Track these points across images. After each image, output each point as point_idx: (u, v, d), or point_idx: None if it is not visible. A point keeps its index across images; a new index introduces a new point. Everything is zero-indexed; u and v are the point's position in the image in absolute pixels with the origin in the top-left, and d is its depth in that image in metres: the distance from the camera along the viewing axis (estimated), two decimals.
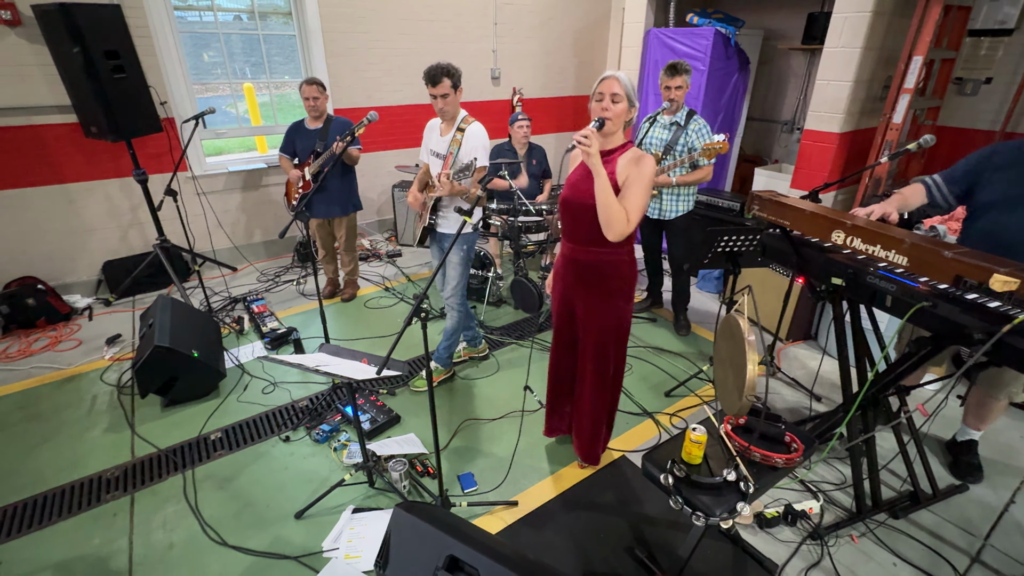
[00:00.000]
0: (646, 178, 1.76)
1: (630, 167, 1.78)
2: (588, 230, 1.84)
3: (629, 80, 1.78)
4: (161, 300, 2.94)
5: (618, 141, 1.86)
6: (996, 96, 3.56)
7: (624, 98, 1.76)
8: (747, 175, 4.84)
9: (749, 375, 1.44)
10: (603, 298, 1.96)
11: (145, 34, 3.66)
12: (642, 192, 1.76)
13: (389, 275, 4.37)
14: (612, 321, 1.99)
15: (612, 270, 1.92)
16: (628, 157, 1.81)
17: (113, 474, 2.33)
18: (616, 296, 1.96)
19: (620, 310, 1.99)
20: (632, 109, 1.80)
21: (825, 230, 1.86)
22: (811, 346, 3.37)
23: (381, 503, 2.19)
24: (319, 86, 3.38)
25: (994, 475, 2.33)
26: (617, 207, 1.73)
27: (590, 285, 1.96)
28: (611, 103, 1.76)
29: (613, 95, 1.76)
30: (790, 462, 1.58)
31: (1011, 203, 1.87)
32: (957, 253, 1.52)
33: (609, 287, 1.94)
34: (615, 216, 1.73)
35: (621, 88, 1.75)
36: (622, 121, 1.81)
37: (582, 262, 1.95)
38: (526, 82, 5.60)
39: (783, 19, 4.69)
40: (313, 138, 3.46)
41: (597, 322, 2.00)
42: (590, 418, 2.19)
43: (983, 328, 1.50)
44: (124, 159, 3.54)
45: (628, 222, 1.74)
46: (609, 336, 2.01)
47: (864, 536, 2.03)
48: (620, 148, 1.85)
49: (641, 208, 1.76)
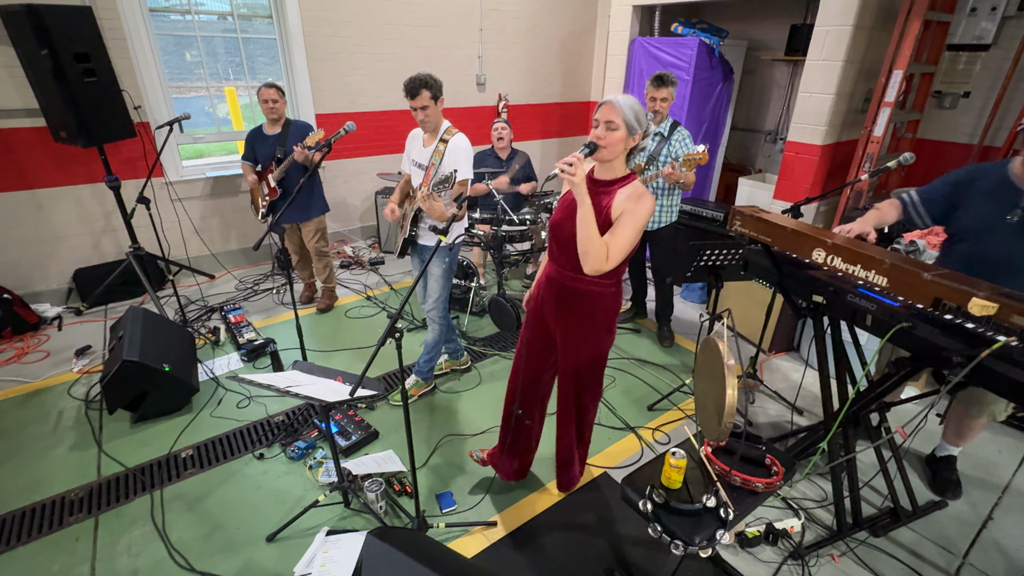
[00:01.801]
0: (640, 219, 1.64)
1: (628, 203, 1.65)
2: (576, 258, 1.69)
3: (631, 105, 1.62)
4: (132, 311, 2.85)
5: (619, 172, 1.71)
6: (974, 110, 3.60)
7: (621, 125, 1.61)
8: (731, 184, 4.86)
9: (728, 401, 1.41)
10: (589, 326, 1.86)
11: (119, 36, 3.57)
12: (632, 232, 1.64)
13: (371, 283, 4.31)
14: (595, 349, 1.91)
15: (597, 301, 1.82)
16: (628, 192, 1.67)
17: (77, 495, 2.24)
18: (605, 326, 1.87)
19: (607, 339, 1.91)
20: (633, 137, 1.65)
21: (806, 248, 1.85)
22: (794, 357, 3.38)
23: (356, 524, 2.13)
24: (277, 90, 3.32)
25: (973, 491, 2.33)
26: (598, 242, 1.61)
27: (573, 313, 1.85)
28: (605, 130, 1.63)
29: (608, 122, 1.62)
30: (770, 486, 1.56)
31: (993, 228, 1.88)
32: (936, 275, 1.51)
33: (594, 317, 1.85)
34: (594, 251, 1.61)
35: (618, 116, 1.61)
36: (618, 150, 1.66)
37: (568, 288, 1.82)
38: (512, 88, 5.57)
39: (766, 30, 4.72)
40: (272, 144, 3.38)
41: (580, 349, 1.90)
42: (563, 444, 2.15)
43: (962, 351, 1.50)
44: (96, 164, 3.44)
45: (607, 259, 1.63)
46: (589, 364, 1.93)
47: (844, 555, 2.01)
48: (622, 180, 1.71)
49: (625, 249, 1.65)
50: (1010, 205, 1.84)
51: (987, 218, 1.89)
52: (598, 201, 1.69)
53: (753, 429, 2.74)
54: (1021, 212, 1.82)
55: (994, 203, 1.88)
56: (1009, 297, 1.37)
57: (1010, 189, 1.85)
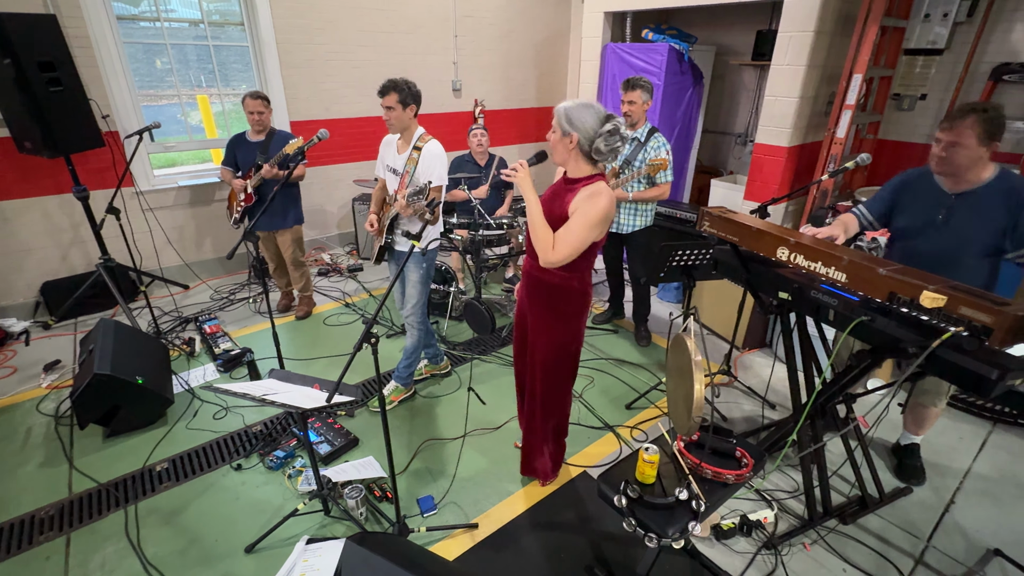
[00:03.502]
0: (590, 216, 1.71)
1: (582, 201, 1.73)
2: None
3: (564, 107, 1.74)
4: (103, 324, 2.80)
5: (586, 171, 1.80)
6: (931, 111, 3.75)
7: (557, 128, 1.76)
8: (705, 186, 4.97)
9: (696, 395, 1.46)
10: (552, 317, 1.98)
11: (86, 44, 3.51)
12: (579, 228, 1.71)
13: (350, 290, 4.29)
14: (558, 339, 2.00)
15: (563, 292, 1.92)
16: (588, 191, 1.74)
17: (47, 513, 2.19)
18: (565, 317, 1.97)
19: (568, 331, 2.00)
20: (570, 137, 1.72)
21: (771, 246, 1.91)
22: (767, 354, 3.46)
23: (337, 532, 2.12)
24: (264, 100, 3.31)
25: (936, 476, 2.43)
26: (543, 233, 1.76)
27: (542, 303, 1.99)
28: (550, 133, 1.81)
29: (552, 127, 1.80)
30: (740, 478, 1.61)
31: (925, 227, 2.02)
32: (891, 270, 1.58)
33: (558, 307, 1.96)
34: (539, 241, 1.76)
35: (554, 119, 1.77)
36: (560, 150, 1.77)
37: (535, 279, 1.97)
38: (488, 94, 5.61)
39: (734, 36, 4.85)
40: (254, 151, 3.37)
41: (543, 338, 2.01)
42: (527, 429, 2.25)
43: (916, 341, 1.57)
44: (63, 175, 3.37)
45: (552, 251, 1.74)
46: (552, 353, 2.02)
47: (816, 543, 2.08)
48: (587, 179, 1.79)
49: (571, 243, 1.73)
50: (937, 206, 1.99)
51: (919, 218, 2.03)
52: (563, 196, 1.81)
53: (728, 424, 2.80)
54: (945, 212, 1.96)
55: (924, 204, 2.02)
56: (956, 289, 1.45)
57: (937, 191, 2.00)
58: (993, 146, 1.84)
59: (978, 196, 1.91)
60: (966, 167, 1.88)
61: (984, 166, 1.90)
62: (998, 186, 1.89)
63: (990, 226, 1.89)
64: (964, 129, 1.82)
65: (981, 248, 1.93)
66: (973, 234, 1.92)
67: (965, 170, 1.89)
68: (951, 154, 1.87)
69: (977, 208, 1.91)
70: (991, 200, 1.88)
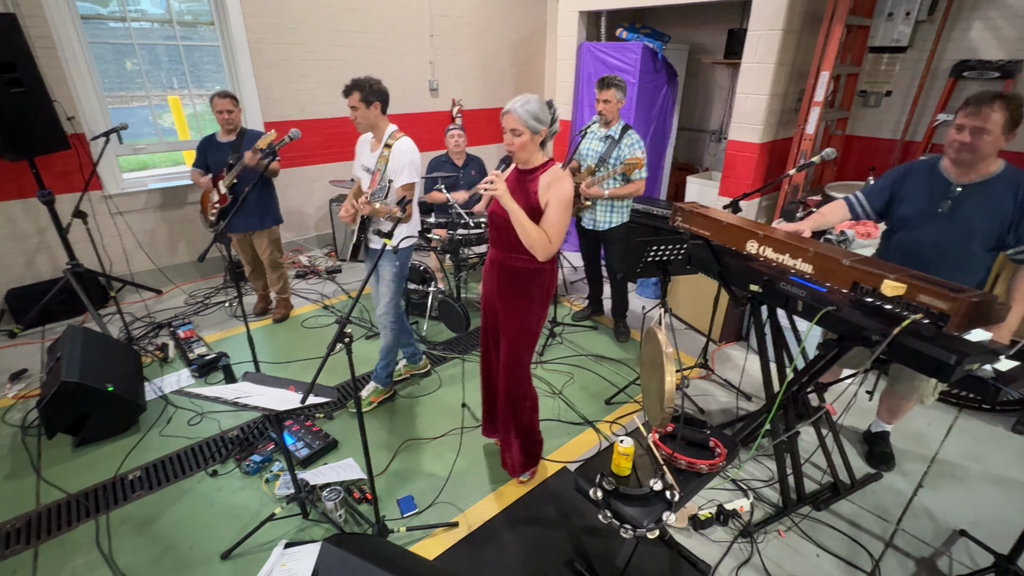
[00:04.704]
0: (562, 201, 1.86)
1: (549, 191, 1.87)
2: (512, 240, 1.93)
3: (526, 108, 1.82)
4: (71, 330, 2.73)
5: (539, 160, 1.94)
6: (896, 107, 3.86)
7: (525, 131, 1.83)
8: (680, 182, 5.03)
9: (668, 386, 1.48)
10: (527, 301, 2.05)
11: (49, 44, 3.41)
12: (560, 214, 1.86)
13: (328, 292, 4.25)
14: (527, 324, 2.08)
15: (534, 277, 2.01)
16: (549, 179, 1.88)
17: (14, 526, 2.13)
18: (534, 302, 2.06)
19: (536, 314, 2.08)
20: (539, 133, 1.86)
21: (740, 240, 1.94)
22: (744, 346, 3.52)
23: (316, 535, 2.10)
24: (232, 99, 3.26)
25: (905, 462, 2.50)
26: (537, 234, 1.84)
27: (512, 289, 2.06)
28: (513, 137, 1.85)
29: (512, 130, 1.84)
30: (713, 467, 1.64)
31: (923, 217, 2.01)
32: (854, 261, 1.62)
33: (529, 293, 2.04)
34: (536, 241, 1.84)
35: (517, 122, 1.82)
36: (531, 149, 1.89)
37: (507, 267, 2.04)
38: (465, 93, 5.61)
39: (706, 35, 4.92)
40: (226, 151, 3.32)
41: (514, 324, 2.08)
42: (502, 421, 2.28)
43: (879, 329, 1.61)
44: (27, 178, 3.28)
45: (551, 243, 1.86)
46: (521, 338, 2.10)
47: (790, 530, 2.12)
48: (542, 167, 1.92)
49: (561, 229, 1.88)
50: (941, 196, 1.97)
51: (921, 208, 2.02)
52: (526, 188, 1.91)
53: (705, 416, 2.85)
54: (950, 203, 1.95)
55: (927, 195, 2.00)
56: (915, 278, 1.49)
57: (943, 182, 1.98)
58: (1011, 136, 1.80)
59: (986, 187, 1.88)
60: (986, 155, 1.84)
61: (995, 158, 1.88)
62: (1006, 178, 1.86)
63: (998, 217, 1.86)
64: (991, 113, 1.75)
65: (985, 240, 1.90)
66: (979, 225, 1.89)
67: (984, 158, 1.85)
68: (976, 140, 1.79)
69: (985, 199, 1.87)
70: (1000, 192, 1.85)
